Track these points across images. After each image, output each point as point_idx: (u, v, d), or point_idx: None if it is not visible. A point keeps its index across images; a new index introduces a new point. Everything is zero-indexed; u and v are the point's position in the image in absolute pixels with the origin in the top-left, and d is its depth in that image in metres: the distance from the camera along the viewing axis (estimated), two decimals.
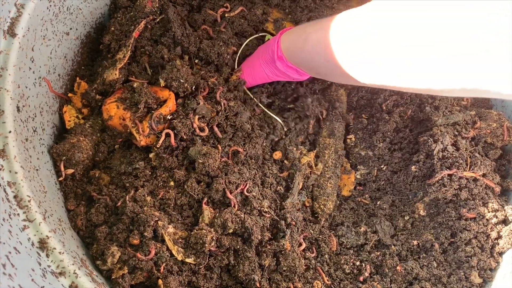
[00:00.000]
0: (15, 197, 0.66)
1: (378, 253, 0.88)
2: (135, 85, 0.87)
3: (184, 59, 0.93)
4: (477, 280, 0.84)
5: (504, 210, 0.89)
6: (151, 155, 0.85)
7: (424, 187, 0.93)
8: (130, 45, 0.89)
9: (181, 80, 0.86)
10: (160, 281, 0.74)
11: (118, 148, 0.89)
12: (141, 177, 0.84)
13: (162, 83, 0.87)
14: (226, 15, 1.00)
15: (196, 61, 0.96)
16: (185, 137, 0.85)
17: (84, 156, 0.82)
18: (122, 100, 0.87)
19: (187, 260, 0.76)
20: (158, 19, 0.94)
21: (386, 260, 0.86)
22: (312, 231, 0.90)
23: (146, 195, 0.80)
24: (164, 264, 0.74)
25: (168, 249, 0.76)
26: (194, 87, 0.89)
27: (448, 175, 0.90)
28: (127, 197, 0.79)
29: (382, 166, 0.99)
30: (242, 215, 0.80)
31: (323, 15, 1.04)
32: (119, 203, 0.80)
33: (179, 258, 0.76)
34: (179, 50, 0.92)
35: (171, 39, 0.92)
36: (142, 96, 0.84)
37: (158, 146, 0.84)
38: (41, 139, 0.81)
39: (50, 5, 0.83)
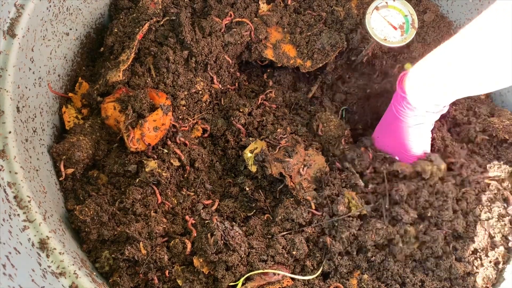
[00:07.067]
0: (15, 197, 0.66)
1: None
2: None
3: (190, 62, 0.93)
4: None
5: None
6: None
7: None
8: (134, 47, 0.89)
9: None
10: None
11: (115, 147, 0.88)
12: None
13: None
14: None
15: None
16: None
17: (84, 155, 0.82)
18: (120, 101, 0.86)
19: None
20: (162, 22, 0.93)
21: None
22: None
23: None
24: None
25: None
26: None
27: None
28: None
29: None
30: None
31: (321, 31, 1.02)
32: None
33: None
34: (185, 54, 0.92)
35: (179, 42, 0.92)
36: (138, 102, 0.84)
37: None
38: (41, 139, 0.81)
39: (50, 6, 0.83)
